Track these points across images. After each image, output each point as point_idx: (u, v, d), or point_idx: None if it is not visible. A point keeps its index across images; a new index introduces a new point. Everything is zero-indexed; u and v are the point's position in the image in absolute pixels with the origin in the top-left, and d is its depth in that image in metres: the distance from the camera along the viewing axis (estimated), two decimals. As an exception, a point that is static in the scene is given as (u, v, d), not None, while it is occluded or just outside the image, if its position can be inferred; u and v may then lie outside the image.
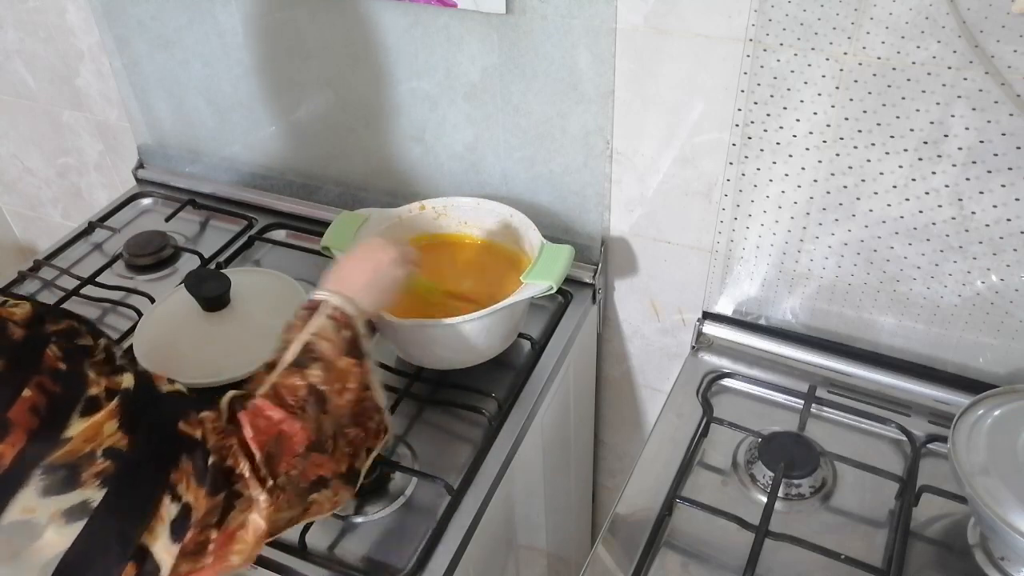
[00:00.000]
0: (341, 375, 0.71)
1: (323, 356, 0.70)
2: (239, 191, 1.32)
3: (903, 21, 0.76)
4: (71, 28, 1.30)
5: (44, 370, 0.49)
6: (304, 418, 0.67)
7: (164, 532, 0.55)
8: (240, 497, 0.61)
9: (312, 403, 0.68)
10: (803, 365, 1.03)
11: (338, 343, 0.72)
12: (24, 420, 0.48)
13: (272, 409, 0.65)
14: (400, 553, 0.83)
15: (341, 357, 0.72)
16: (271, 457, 0.64)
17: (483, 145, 1.08)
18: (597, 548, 0.84)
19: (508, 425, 0.94)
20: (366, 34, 1.05)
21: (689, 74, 0.90)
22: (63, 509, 0.50)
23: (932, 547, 0.83)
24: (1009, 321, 0.90)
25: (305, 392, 0.68)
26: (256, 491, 0.62)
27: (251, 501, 0.62)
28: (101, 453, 0.51)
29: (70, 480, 0.50)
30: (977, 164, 0.81)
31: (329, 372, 0.70)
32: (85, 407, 0.51)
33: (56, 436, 0.49)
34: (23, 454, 0.48)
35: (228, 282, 0.99)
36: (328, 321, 0.73)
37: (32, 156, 1.59)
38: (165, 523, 0.55)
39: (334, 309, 0.74)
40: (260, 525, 0.62)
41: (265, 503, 0.62)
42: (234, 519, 0.61)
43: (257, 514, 0.62)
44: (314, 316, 0.73)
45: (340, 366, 0.71)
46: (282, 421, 0.65)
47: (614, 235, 1.09)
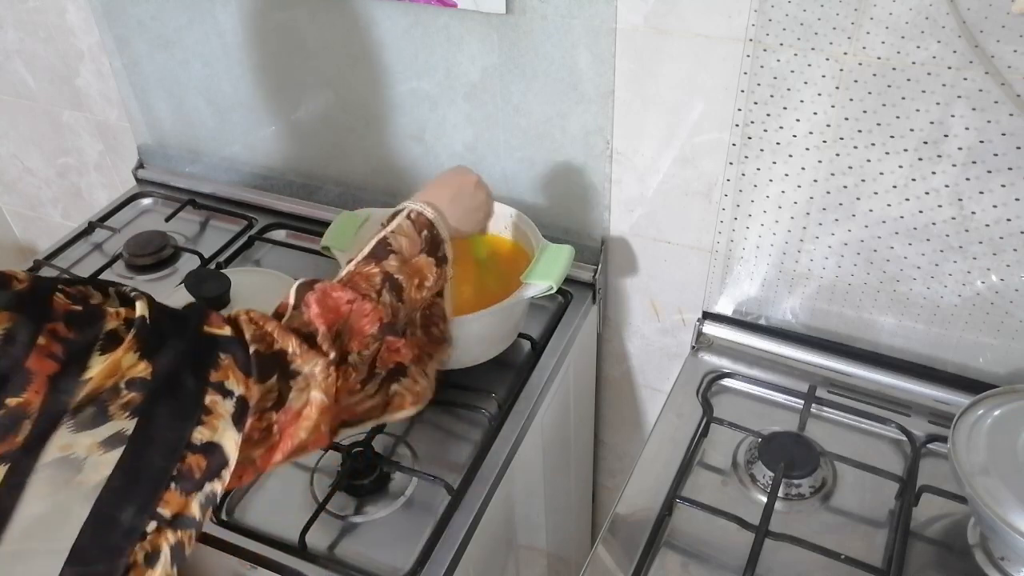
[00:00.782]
0: (418, 270, 0.73)
1: (400, 250, 0.72)
2: (239, 191, 1.32)
3: (903, 21, 0.76)
4: (71, 28, 1.30)
5: (56, 316, 0.50)
6: (377, 301, 0.68)
7: (226, 425, 0.55)
8: (296, 376, 0.61)
9: (387, 289, 0.69)
10: (803, 365, 1.03)
11: (416, 241, 0.74)
12: (44, 367, 0.48)
13: (341, 291, 0.67)
14: (400, 553, 0.83)
15: (419, 254, 0.73)
16: (340, 334, 0.65)
17: (483, 145, 1.08)
18: (597, 548, 0.84)
19: (508, 425, 0.94)
20: (366, 34, 1.05)
21: (689, 74, 0.90)
22: (98, 441, 0.50)
23: (932, 547, 0.83)
24: (1009, 321, 0.90)
25: (380, 279, 0.69)
26: (310, 364, 0.61)
27: (308, 378, 0.61)
28: (125, 385, 0.51)
29: (100, 415, 0.50)
30: (977, 164, 0.81)
31: (405, 265, 0.72)
32: (104, 344, 0.51)
33: (77, 378, 0.49)
34: (49, 399, 0.48)
35: (228, 282, 1.00)
36: (407, 221, 0.75)
37: (32, 156, 1.59)
38: (225, 418, 0.56)
39: (414, 212, 0.76)
40: (320, 399, 0.62)
41: (322, 374, 0.62)
42: (296, 399, 0.61)
43: (316, 389, 0.62)
44: (395, 218, 0.75)
45: (418, 261, 0.73)
46: (352, 301, 0.66)
47: (614, 235, 1.09)
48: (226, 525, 0.86)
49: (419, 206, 0.76)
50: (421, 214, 0.76)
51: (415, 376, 0.72)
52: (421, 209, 0.76)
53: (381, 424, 0.86)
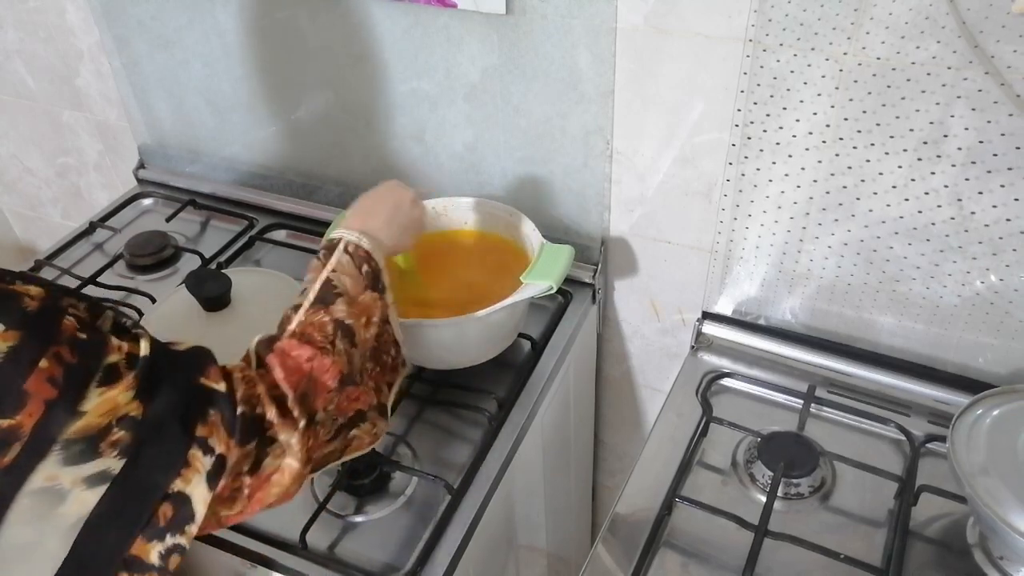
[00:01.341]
0: (365, 308, 0.72)
1: (346, 291, 0.71)
2: (239, 191, 1.32)
3: (903, 21, 0.76)
4: (71, 28, 1.30)
5: (62, 340, 0.50)
6: (334, 353, 0.67)
7: (200, 481, 0.56)
8: (273, 443, 0.61)
9: (340, 337, 0.69)
10: (803, 365, 1.03)
11: (359, 278, 0.73)
12: (42, 391, 0.48)
13: (300, 348, 0.66)
14: (400, 553, 0.83)
15: (364, 291, 0.73)
16: (305, 396, 0.64)
17: (483, 145, 1.08)
18: (597, 548, 0.84)
19: (508, 425, 0.94)
20: (366, 34, 1.05)
21: (689, 74, 0.90)
22: (84, 476, 0.50)
23: (931, 547, 0.83)
24: (1009, 321, 0.90)
25: (332, 328, 0.69)
26: (286, 435, 0.62)
27: (284, 446, 0.62)
28: (116, 424, 0.51)
29: (89, 452, 0.50)
30: (977, 164, 0.81)
31: (352, 306, 0.71)
32: (103, 377, 0.51)
33: (74, 408, 0.49)
34: (41, 425, 0.48)
35: (228, 282, 0.99)
36: (346, 256, 0.73)
37: (32, 156, 1.59)
38: (201, 473, 0.56)
39: (352, 245, 0.74)
40: (294, 467, 0.63)
41: (298, 445, 0.62)
42: (268, 465, 0.61)
43: (291, 458, 0.62)
44: (334, 254, 0.73)
45: (363, 300, 0.72)
46: (312, 358, 0.66)
47: (614, 235, 1.09)
48: (226, 525, 0.86)
49: (355, 237, 0.75)
50: (359, 247, 0.74)
51: (373, 420, 0.72)
52: (358, 241, 0.75)
53: None
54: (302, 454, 0.63)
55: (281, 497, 0.63)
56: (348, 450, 0.71)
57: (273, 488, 0.62)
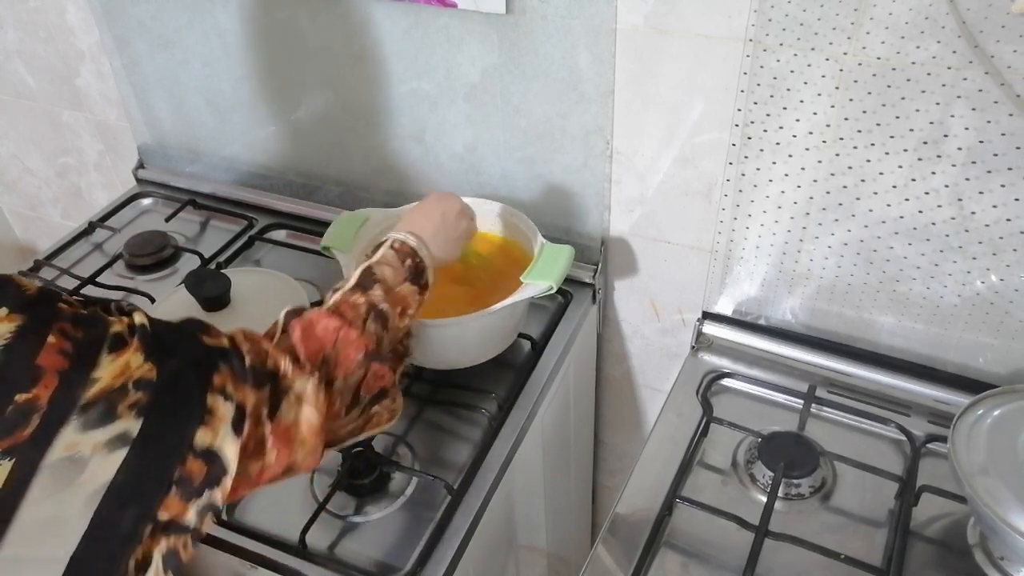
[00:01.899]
0: (401, 299, 0.75)
1: (384, 280, 0.75)
2: (239, 191, 1.32)
3: (903, 21, 0.76)
4: (71, 28, 1.30)
5: (63, 317, 0.51)
6: (363, 330, 0.71)
7: (227, 430, 0.57)
8: (288, 392, 0.63)
9: (373, 319, 0.72)
10: (803, 365, 1.03)
11: (400, 270, 0.77)
12: (54, 363, 0.49)
13: (328, 319, 0.69)
14: (400, 553, 0.83)
15: (403, 283, 0.76)
16: (326, 361, 0.67)
17: (483, 145, 1.08)
18: (597, 548, 0.84)
19: (508, 425, 0.94)
20: (366, 34, 1.05)
21: (689, 74, 0.90)
22: (104, 440, 0.51)
23: (932, 547, 0.83)
24: (1009, 321, 0.90)
25: (365, 309, 0.72)
26: (300, 382, 0.64)
27: (300, 395, 0.64)
28: (132, 385, 0.52)
29: (107, 414, 0.51)
30: (977, 164, 0.81)
31: (389, 294, 0.74)
32: (112, 344, 0.52)
33: (87, 375, 0.50)
34: (58, 395, 0.49)
35: (228, 282, 1.00)
36: (391, 251, 0.77)
37: (32, 156, 1.59)
38: (226, 423, 0.57)
39: (398, 242, 0.78)
40: (312, 417, 0.64)
41: (312, 396, 0.64)
42: (286, 412, 0.62)
43: (308, 406, 0.64)
44: (380, 248, 0.78)
45: (401, 291, 0.76)
46: (338, 329, 0.69)
47: (614, 235, 1.09)
48: (226, 525, 0.86)
49: (402, 235, 0.79)
50: (404, 243, 0.78)
51: (393, 396, 0.76)
52: (404, 238, 0.78)
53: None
54: (319, 403, 0.64)
55: (306, 452, 0.64)
56: (368, 426, 0.73)
57: (295, 444, 0.63)
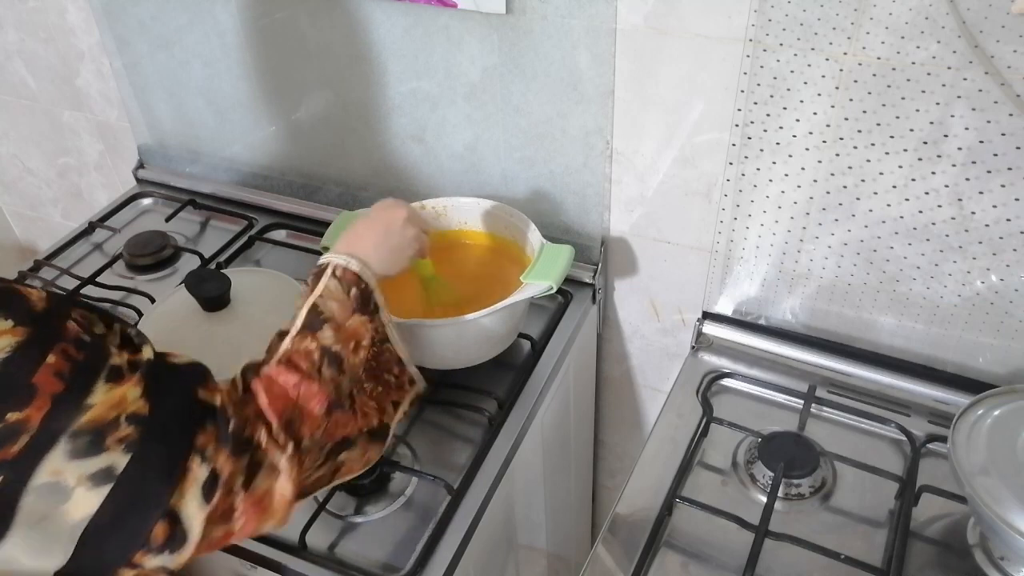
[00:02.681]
0: (353, 333, 0.72)
1: (332, 316, 0.71)
2: (239, 191, 1.32)
3: (903, 21, 0.76)
4: (71, 28, 1.30)
5: (67, 338, 0.50)
6: (320, 380, 0.67)
7: (195, 494, 0.56)
8: (262, 464, 0.61)
9: (327, 364, 0.69)
10: (803, 365, 1.03)
11: (346, 302, 0.72)
12: (49, 385, 0.48)
13: (286, 375, 0.66)
14: (400, 553, 0.83)
15: (352, 315, 0.72)
16: (291, 422, 0.64)
17: (483, 145, 1.08)
18: (597, 548, 0.84)
19: (508, 425, 0.94)
20: (366, 34, 1.05)
21: (689, 74, 0.90)
22: (89, 473, 0.50)
23: (932, 547, 0.83)
24: (1009, 321, 0.90)
25: (318, 355, 0.68)
26: (277, 457, 0.62)
27: (274, 468, 0.62)
28: (125, 419, 0.52)
29: (95, 445, 0.50)
30: (977, 164, 0.81)
31: (340, 332, 0.70)
32: (109, 374, 0.52)
33: (80, 401, 0.50)
34: (49, 418, 0.48)
35: (228, 282, 0.99)
36: (333, 281, 0.73)
37: (32, 156, 1.59)
38: (196, 485, 0.56)
39: (340, 269, 0.74)
40: (286, 492, 0.63)
41: (287, 469, 0.63)
42: (260, 484, 0.61)
43: (281, 481, 0.62)
44: (321, 279, 0.73)
45: (351, 325, 0.72)
46: (298, 385, 0.66)
47: (614, 235, 1.09)
48: (226, 525, 0.86)
49: (342, 260, 0.74)
50: (347, 269, 0.74)
51: (363, 446, 0.73)
52: (346, 264, 0.74)
53: None
54: (293, 479, 0.63)
55: (273, 524, 0.63)
56: (338, 474, 0.71)
57: (265, 514, 0.62)
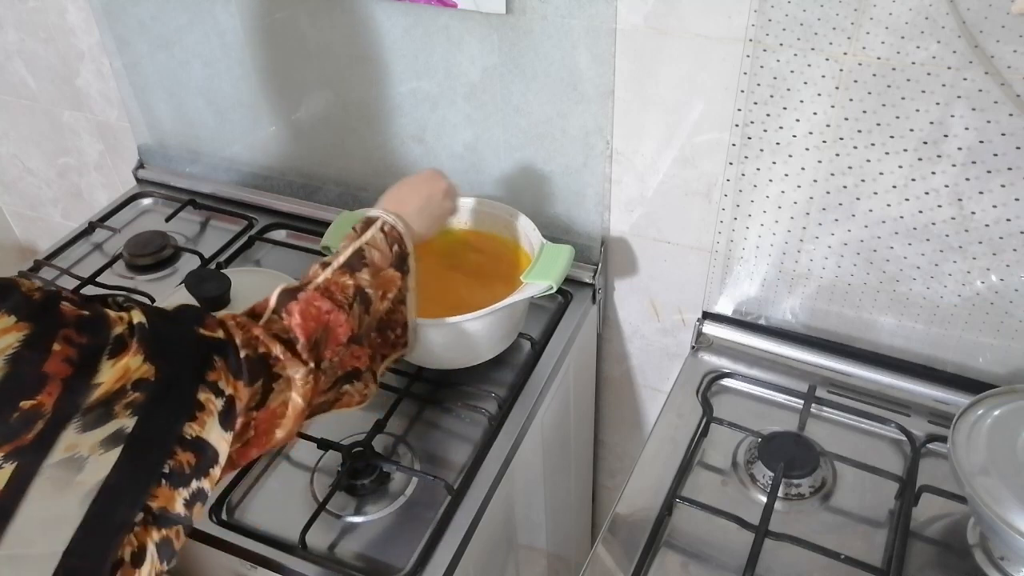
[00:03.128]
0: (385, 283, 0.78)
1: (372, 262, 0.77)
2: (239, 191, 1.32)
3: (903, 21, 0.76)
4: (71, 28, 1.30)
5: (68, 323, 0.52)
6: (349, 313, 0.73)
7: (214, 424, 0.59)
8: (278, 379, 0.65)
9: (358, 301, 0.75)
10: (803, 365, 1.03)
11: (387, 255, 0.79)
12: (59, 370, 0.50)
13: (321, 300, 0.71)
14: (400, 553, 0.83)
15: (388, 268, 0.79)
16: (318, 343, 0.70)
17: (483, 145, 1.08)
18: (597, 548, 0.84)
19: (508, 425, 0.94)
20: (366, 34, 1.05)
21: (689, 74, 0.90)
22: (100, 439, 0.52)
23: (932, 547, 0.83)
24: (1009, 321, 0.90)
25: (353, 291, 0.75)
26: (292, 369, 0.66)
27: (289, 380, 0.66)
28: (130, 387, 0.54)
29: (105, 415, 0.52)
30: (977, 164, 0.81)
31: (376, 277, 0.77)
32: (112, 349, 0.53)
33: (89, 381, 0.51)
34: (60, 401, 0.50)
35: (228, 282, 0.99)
36: (380, 234, 0.80)
37: (32, 156, 1.59)
38: (214, 415, 0.59)
39: (388, 225, 0.81)
40: (299, 403, 0.67)
41: (301, 380, 0.67)
42: (274, 399, 0.65)
43: (295, 392, 0.67)
44: (369, 228, 0.80)
45: (386, 275, 0.79)
46: (330, 312, 0.71)
47: (614, 235, 1.09)
48: (226, 525, 0.86)
49: (391, 218, 0.81)
50: (394, 228, 0.81)
51: (366, 380, 0.78)
52: (394, 223, 0.81)
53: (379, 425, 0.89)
54: (306, 391, 0.67)
55: (285, 433, 0.67)
56: (338, 403, 0.76)
57: (279, 423, 0.66)
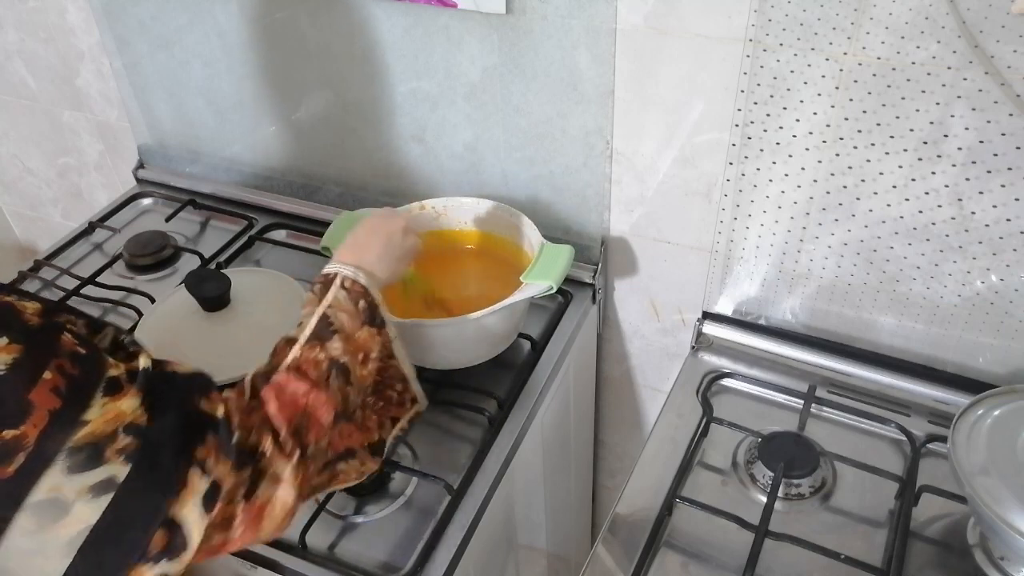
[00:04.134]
0: (362, 346, 0.72)
1: (342, 328, 0.71)
2: (239, 191, 1.32)
3: (903, 21, 0.76)
4: (71, 28, 1.30)
5: (63, 353, 0.50)
6: (328, 389, 0.68)
7: (196, 505, 0.55)
8: (265, 474, 0.61)
9: (335, 375, 0.69)
10: (803, 365, 1.03)
11: (355, 314, 0.72)
12: (46, 401, 0.48)
13: (296, 383, 0.66)
14: (400, 553, 0.83)
15: (360, 328, 0.72)
16: (299, 429, 0.65)
17: (483, 145, 1.08)
18: (597, 548, 0.84)
19: (508, 425, 0.94)
20: (366, 34, 1.05)
21: (689, 74, 0.90)
22: (89, 485, 0.50)
23: (932, 547, 0.83)
24: (1009, 321, 0.90)
25: (327, 365, 0.69)
26: (281, 466, 0.62)
27: (277, 477, 0.62)
28: (123, 430, 0.51)
29: (94, 458, 0.50)
30: (977, 164, 0.81)
31: (349, 343, 0.71)
32: (107, 388, 0.51)
33: (78, 417, 0.49)
34: (46, 435, 0.48)
35: (228, 282, 1.00)
36: (342, 292, 0.73)
37: (32, 156, 1.59)
38: (197, 496, 0.55)
39: (348, 280, 0.74)
40: (288, 500, 0.63)
41: (291, 477, 0.63)
42: (261, 494, 0.61)
43: (283, 489, 0.62)
44: (330, 289, 0.73)
45: (360, 337, 0.72)
46: (307, 393, 0.66)
47: (614, 235, 1.09)
48: (226, 525, 0.86)
49: (351, 272, 0.74)
50: (356, 282, 0.74)
51: (362, 459, 0.74)
52: (354, 277, 0.74)
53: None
54: (296, 486, 0.63)
55: (273, 529, 0.63)
56: (334, 482, 0.72)
57: (265, 522, 0.62)
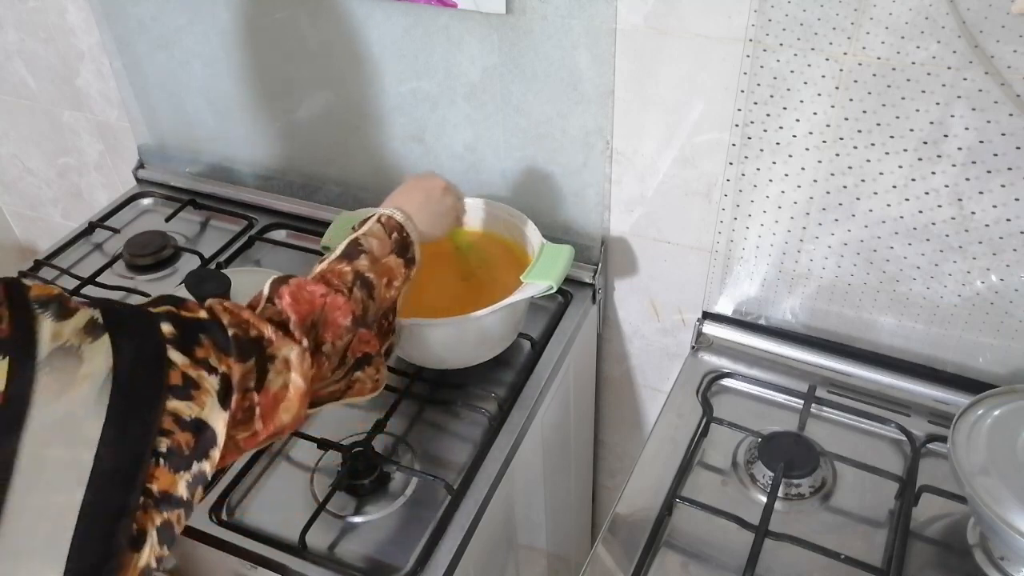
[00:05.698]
0: (388, 270, 0.76)
1: (370, 250, 0.76)
2: (239, 191, 1.32)
3: (903, 21, 0.76)
4: (71, 28, 1.30)
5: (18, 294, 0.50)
6: (349, 296, 0.71)
7: (213, 403, 0.57)
8: (273, 360, 0.63)
9: (359, 286, 0.73)
10: (803, 365, 1.03)
11: (386, 242, 0.77)
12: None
13: (315, 286, 0.70)
14: (400, 553, 0.83)
15: (389, 255, 0.77)
16: (315, 325, 0.68)
17: (483, 145, 1.08)
18: (597, 548, 0.84)
19: (508, 425, 0.94)
20: (366, 34, 1.05)
21: (689, 74, 0.90)
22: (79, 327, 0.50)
23: (932, 547, 0.83)
24: (1009, 321, 0.90)
25: (351, 276, 0.73)
26: (286, 349, 0.64)
27: (286, 361, 0.64)
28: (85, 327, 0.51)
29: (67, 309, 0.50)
30: (977, 164, 0.81)
31: (375, 264, 0.75)
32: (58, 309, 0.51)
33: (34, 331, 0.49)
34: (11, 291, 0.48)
35: (228, 282, 1.00)
36: (377, 225, 0.78)
37: (32, 156, 1.59)
38: (212, 394, 0.57)
39: (385, 216, 0.79)
40: (299, 383, 0.64)
41: (298, 359, 0.64)
42: (273, 381, 0.63)
43: (295, 372, 0.64)
44: (366, 223, 0.79)
45: (387, 262, 0.77)
46: (325, 295, 0.69)
47: (614, 235, 1.09)
48: (226, 525, 0.86)
49: (389, 211, 0.80)
50: (391, 218, 0.79)
51: (377, 365, 0.76)
52: (391, 213, 0.80)
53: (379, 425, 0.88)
54: (304, 371, 0.65)
55: (291, 416, 0.65)
56: (350, 392, 0.74)
57: (284, 406, 0.64)
